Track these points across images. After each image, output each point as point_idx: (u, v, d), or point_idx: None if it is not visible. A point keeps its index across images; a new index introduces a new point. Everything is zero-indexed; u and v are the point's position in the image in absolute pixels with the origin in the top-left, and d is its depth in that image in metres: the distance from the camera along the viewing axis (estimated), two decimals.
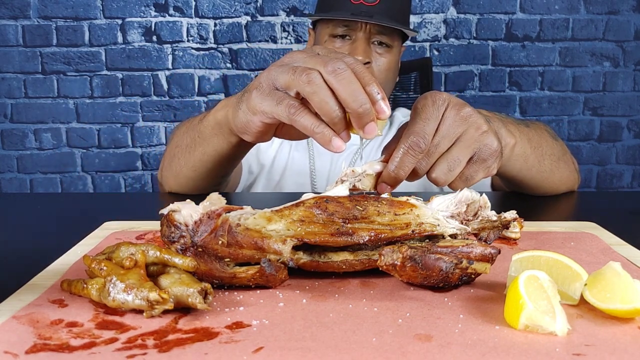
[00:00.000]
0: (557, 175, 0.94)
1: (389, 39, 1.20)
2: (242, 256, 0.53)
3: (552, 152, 0.92)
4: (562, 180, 0.96)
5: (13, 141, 2.41)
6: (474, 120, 0.63)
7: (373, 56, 1.19)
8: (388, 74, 1.22)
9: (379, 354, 0.41)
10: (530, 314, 0.43)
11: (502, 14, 2.33)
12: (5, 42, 2.33)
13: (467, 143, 0.62)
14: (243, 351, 0.41)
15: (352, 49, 1.16)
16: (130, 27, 2.33)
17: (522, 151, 0.83)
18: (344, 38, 1.19)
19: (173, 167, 0.96)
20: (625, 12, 2.32)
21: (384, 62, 1.20)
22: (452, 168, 0.62)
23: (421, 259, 0.50)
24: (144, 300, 0.46)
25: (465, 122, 0.62)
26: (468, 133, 0.62)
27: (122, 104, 2.38)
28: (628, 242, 0.67)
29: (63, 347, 0.42)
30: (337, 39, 1.19)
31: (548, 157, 0.90)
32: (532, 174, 0.88)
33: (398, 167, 0.59)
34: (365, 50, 1.16)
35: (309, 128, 0.58)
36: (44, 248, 0.66)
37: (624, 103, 2.40)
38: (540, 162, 0.88)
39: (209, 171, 0.91)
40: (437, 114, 0.61)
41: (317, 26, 1.25)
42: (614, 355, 0.41)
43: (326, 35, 1.20)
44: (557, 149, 0.94)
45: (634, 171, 2.45)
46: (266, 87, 0.62)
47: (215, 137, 0.84)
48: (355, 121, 0.57)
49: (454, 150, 0.62)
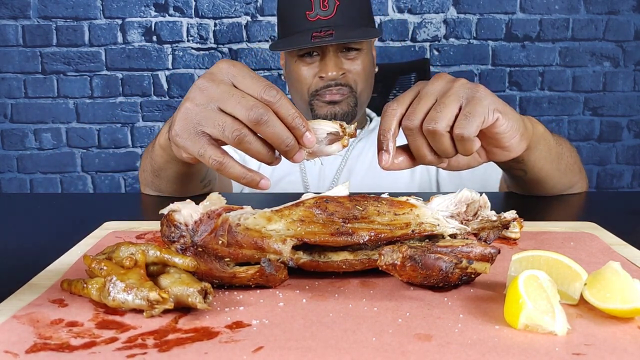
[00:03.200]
0: (569, 178, 0.95)
1: (357, 44, 1.21)
2: (242, 256, 0.53)
3: (569, 154, 0.94)
4: (572, 183, 0.98)
5: (13, 141, 2.41)
6: (457, 80, 0.64)
7: (345, 64, 1.20)
8: (364, 75, 1.24)
9: (379, 353, 0.41)
10: (530, 313, 0.43)
11: (502, 14, 2.33)
12: (5, 42, 2.33)
13: (453, 91, 0.63)
14: (243, 351, 0.41)
15: (322, 66, 1.18)
16: (130, 27, 2.33)
17: (549, 140, 0.84)
18: (312, 55, 1.20)
19: (150, 187, 1.00)
20: (625, 12, 2.32)
21: (357, 67, 1.22)
22: (439, 110, 0.62)
23: (421, 259, 0.50)
24: (144, 300, 0.46)
25: (444, 81, 0.65)
26: (454, 87, 0.63)
27: (122, 104, 2.39)
28: (628, 242, 0.67)
29: (63, 346, 0.42)
30: (305, 58, 1.20)
31: (565, 157, 0.92)
32: (552, 169, 0.89)
33: (382, 129, 0.64)
34: (336, 64, 1.18)
35: (237, 176, 0.60)
36: (44, 248, 0.66)
37: (624, 103, 2.40)
38: (559, 158, 0.90)
39: (185, 185, 0.95)
40: (413, 88, 0.66)
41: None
42: (614, 354, 0.41)
43: (294, 56, 1.22)
44: (573, 154, 0.96)
45: (634, 171, 2.45)
46: (191, 129, 0.61)
47: (169, 163, 0.87)
48: (284, 155, 0.61)
49: (439, 100, 0.63)
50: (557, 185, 0.94)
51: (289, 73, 1.27)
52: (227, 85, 0.59)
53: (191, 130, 0.60)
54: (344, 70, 1.20)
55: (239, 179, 0.60)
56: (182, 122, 0.61)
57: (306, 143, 0.59)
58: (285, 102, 0.58)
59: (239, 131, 0.58)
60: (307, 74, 1.21)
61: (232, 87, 0.59)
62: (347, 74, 1.21)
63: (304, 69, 1.21)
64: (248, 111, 0.57)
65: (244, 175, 0.60)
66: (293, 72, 1.24)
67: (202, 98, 0.60)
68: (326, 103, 1.21)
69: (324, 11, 1.16)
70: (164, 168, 0.90)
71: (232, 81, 0.60)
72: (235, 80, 0.60)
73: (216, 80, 0.60)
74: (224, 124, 0.58)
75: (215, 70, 0.61)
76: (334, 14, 1.16)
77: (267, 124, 0.57)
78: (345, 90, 1.20)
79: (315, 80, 1.20)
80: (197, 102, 0.60)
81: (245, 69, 0.61)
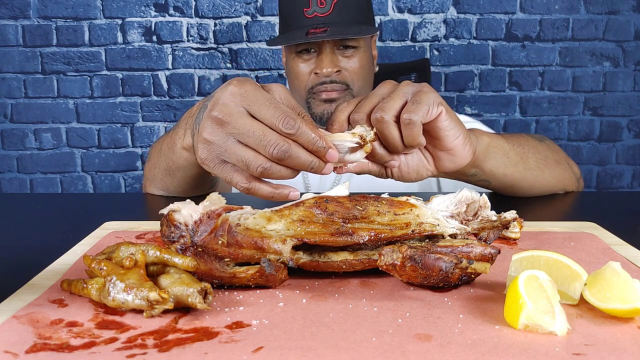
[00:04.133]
0: (548, 173, 0.94)
1: (354, 41, 1.22)
2: (242, 256, 0.53)
3: (535, 150, 0.93)
4: (556, 178, 0.97)
5: (13, 141, 2.41)
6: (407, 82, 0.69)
7: (341, 62, 1.21)
8: (363, 71, 1.25)
9: (379, 353, 0.41)
10: (530, 313, 0.43)
11: (502, 14, 2.33)
12: (5, 42, 2.33)
13: (399, 89, 0.68)
14: (243, 351, 0.41)
15: (319, 62, 1.20)
16: (130, 27, 2.33)
17: (499, 146, 0.85)
18: (309, 51, 1.22)
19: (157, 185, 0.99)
20: (625, 12, 2.32)
21: (354, 64, 1.23)
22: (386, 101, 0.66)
23: (421, 259, 0.50)
24: (144, 300, 0.46)
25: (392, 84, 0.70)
26: (399, 87, 0.68)
27: (122, 104, 2.38)
28: (628, 242, 0.67)
29: (63, 346, 0.42)
30: (303, 54, 1.22)
31: (532, 154, 0.91)
32: (519, 170, 0.89)
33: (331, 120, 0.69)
34: (332, 61, 1.19)
35: (267, 196, 0.63)
36: (44, 248, 0.66)
37: (624, 103, 2.40)
38: (523, 159, 0.89)
39: (198, 186, 0.96)
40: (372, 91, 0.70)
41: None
42: (614, 354, 0.41)
43: (292, 53, 1.23)
44: (543, 148, 0.96)
45: (634, 171, 2.45)
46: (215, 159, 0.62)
47: (192, 166, 0.87)
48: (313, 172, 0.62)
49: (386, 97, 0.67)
50: (537, 185, 0.94)
51: (288, 69, 1.29)
52: (244, 118, 0.59)
53: (215, 159, 0.62)
54: (340, 68, 1.20)
55: (269, 198, 0.63)
56: (206, 151, 0.62)
57: (330, 160, 0.61)
58: (305, 128, 0.59)
59: (262, 167, 0.60)
60: (304, 70, 1.22)
61: (249, 118, 0.59)
62: (342, 71, 1.21)
63: (301, 65, 1.22)
64: (271, 149, 0.58)
65: (272, 194, 0.63)
66: (291, 69, 1.25)
67: (220, 132, 0.60)
68: (322, 101, 1.22)
69: (321, 8, 1.17)
70: (184, 168, 0.88)
71: (248, 110, 0.59)
72: (251, 110, 0.59)
73: (232, 114, 0.59)
74: (247, 160, 0.60)
75: (227, 100, 0.60)
76: (331, 11, 1.17)
77: (291, 157, 0.59)
78: (340, 87, 1.21)
79: (312, 77, 1.22)
80: (216, 136, 0.60)
81: (259, 94, 0.60)
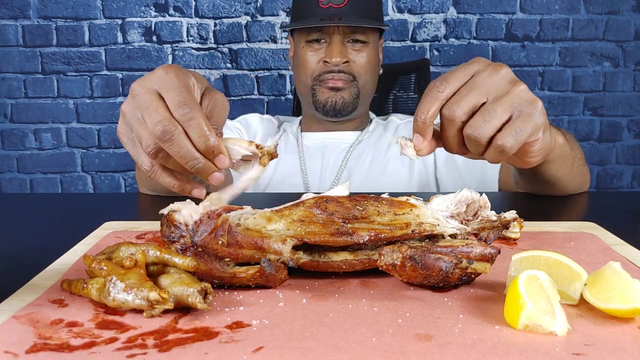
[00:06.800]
0: (578, 179, 0.96)
1: (364, 36, 1.24)
2: (242, 256, 0.53)
3: (581, 155, 0.93)
4: (581, 184, 0.98)
5: (13, 141, 2.41)
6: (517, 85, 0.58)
7: (350, 54, 1.24)
8: (369, 69, 1.27)
9: (379, 353, 0.41)
10: (530, 313, 0.43)
11: (502, 14, 2.32)
12: (5, 42, 2.33)
13: (509, 98, 0.57)
14: (243, 351, 0.41)
15: (328, 51, 1.22)
16: (130, 27, 2.33)
17: (566, 150, 0.83)
18: (319, 42, 1.24)
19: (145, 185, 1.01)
20: (625, 12, 2.32)
21: (362, 58, 1.25)
22: (487, 119, 0.56)
23: (421, 259, 0.50)
24: (144, 300, 0.46)
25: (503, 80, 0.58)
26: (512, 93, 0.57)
27: (122, 104, 2.38)
28: (628, 242, 0.67)
29: (63, 346, 0.42)
30: (313, 44, 1.24)
31: (578, 160, 0.92)
32: (563, 174, 0.89)
33: (421, 110, 0.58)
34: (340, 51, 1.22)
35: (168, 186, 0.60)
36: (44, 248, 0.66)
37: (624, 103, 2.40)
38: (572, 164, 0.89)
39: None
40: (468, 68, 0.59)
41: (294, 34, 1.31)
42: (614, 355, 0.41)
43: (302, 41, 1.26)
44: (582, 154, 0.96)
45: (634, 171, 2.45)
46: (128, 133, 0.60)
47: None
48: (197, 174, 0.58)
49: (490, 103, 0.57)
50: (567, 187, 0.95)
51: (296, 58, 1.31)
52: (150, 94, 0.57)
53: (128, 134, 0.60)
54: (349, 60, 1.23)
55: (170, 188, 0.60)
56: (121, 124, 0.60)
57: (219, 165, 0.57)
58: (197, 122, 0.55)
59: (151, 147, 0.57)
60: (312, 59, 1.25)
61: (155, 97, 0.57)
62: (351, 63, 1.24)
63: (310, 54, 1.25)
64: (156, 126, 0.55)
65: (172, 185, 0.59)
66: (300, 57, 1.28)
67: (131, 105, 0.59)
68: (328, 89, 1.24)
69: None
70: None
71: (159, 91, 0.57)
72: (161, 91, 0.57)
73: (144, 88, 0.58)
74: (141, 136, 0.57)
75: (149, 76, 0.60)
76: (345, 4, 1.21)
77: (172, 142, 0.55)
78: (347, 78, 1.23)
79: (320, 65, 1.24)
80: (128, 108, 0.59)
81: (176, 79, 0.57)
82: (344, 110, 1.27)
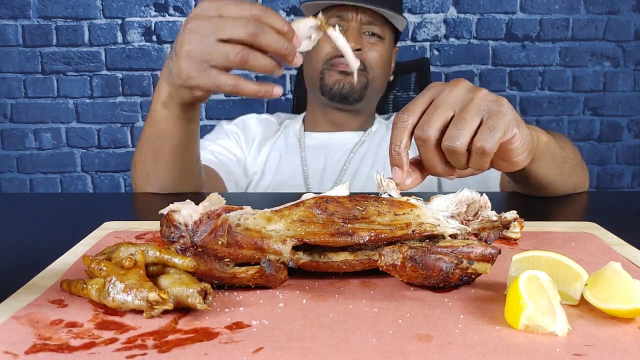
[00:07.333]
0: (573, 180, 0.95)
1: (380, 29, 1.25)
2: (242, 256, 0.53)
3: (573, 155, 0.93)
4: (577, 184, 0.98)
5: (13, 141, 2.41)
6: (478, 90, 0.60)
7: (365, 46, 1.23)
8: (381, 64, 1.27)
9: (379, 354, 0.41)
10: (530, 314, 0.43)
11: (502, 13, 2.33)
12: (5, 42, 2.33)
13: (475, 104, 0.58)
14: (243, 351, 0.41)
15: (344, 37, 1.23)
16: (130, 27, 2.33)
17: (553, 148, 0.83)
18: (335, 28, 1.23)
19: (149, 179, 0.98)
20: (625, 12, 2.32)
21: (376, 53, 1.25)
22: (460, 127, 0.57)
23: (421, 259, 0.50)
24: (144, 300, 0.46)
25: (463, 91, 0.60)
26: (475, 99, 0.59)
27: (122, 104, 2.38)
28: (628, 242, 0.67)
29: (63, 347, 0.42)
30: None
31: (569, 160, 0.91)
32: (555, 174, 0.88)
33: (393, 143, 0.60)
34: (356, 39, 1.21)
35: (253, 93, 0.72)
36: (44, 248, 0.66)
37: (624, 103, 2.40)
38: (563, 164, 0.89)
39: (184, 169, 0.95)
40: (426, 94, 0.61)
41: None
42: (614, 355, 0.41)
43: None
44: (576, 154, 0.96)
45: (634, 171, 2.45)
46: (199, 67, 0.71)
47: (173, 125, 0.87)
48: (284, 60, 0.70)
49: (458, 113, 0.58)
50: (561, 188, 0.94)
51: None
52: (216, 18, 0.68)
53: (199, 68, 0.70)
54: (361, 47, 1.23)
55: (257, 94, 0.71)
56: (188, 64, 0.71)
57: (296, 45, 0.69)
58: (272, 13, 0.68)
59: (241, 53, 0.68)
60: (326, 43, 1.24)
61: (221, 17, 0.68)
62: (364, 53, 1.23)
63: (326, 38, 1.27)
64: (245, 29, 0.67)
65: (257, 90, 0.71)
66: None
67: (198, 37, 0.69)
68: (338, 72, 1.24)
69: None
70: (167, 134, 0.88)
71: (219, 13, 0.69)
72: (222, 11, 0.69)
73: (204, 17, 0.69)
74: (226, 52, 0.68)
75: (199, 11, 0.70)
76: None
77: (264, 34, 0.67)
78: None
79: (332, 49, 1.24)
80: (195, 42, 0.69)
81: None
82: (351, 97, 1.26)
